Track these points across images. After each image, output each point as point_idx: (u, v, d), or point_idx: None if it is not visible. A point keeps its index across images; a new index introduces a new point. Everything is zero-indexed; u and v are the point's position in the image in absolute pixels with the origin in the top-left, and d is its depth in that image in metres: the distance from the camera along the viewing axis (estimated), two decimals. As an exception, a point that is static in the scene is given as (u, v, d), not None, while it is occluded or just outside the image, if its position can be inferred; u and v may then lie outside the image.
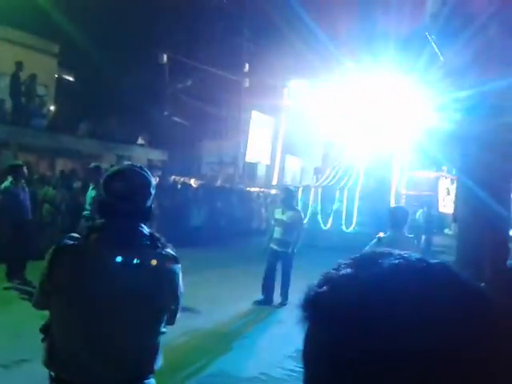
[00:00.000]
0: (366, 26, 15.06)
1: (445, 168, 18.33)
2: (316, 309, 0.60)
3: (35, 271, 2.49)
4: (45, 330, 2.05)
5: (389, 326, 0.55)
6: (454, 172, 14.67)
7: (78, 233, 2.10)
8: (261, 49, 20.58)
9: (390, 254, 0.62)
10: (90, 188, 7.84)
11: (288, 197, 8.04)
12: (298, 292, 0.64)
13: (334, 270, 0.63)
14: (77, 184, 12.20)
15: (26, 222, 7.79)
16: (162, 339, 2.16)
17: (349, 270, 0.61)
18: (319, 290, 0.61)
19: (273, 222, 8.14)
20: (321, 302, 0.60)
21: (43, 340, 2.05)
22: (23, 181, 7.83)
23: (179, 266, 2.09)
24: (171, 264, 2.07)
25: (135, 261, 1.99)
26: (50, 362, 2.02)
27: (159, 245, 2.07)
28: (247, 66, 22.12)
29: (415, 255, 0.63)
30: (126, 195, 2.03)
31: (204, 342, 6.14)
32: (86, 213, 7.65)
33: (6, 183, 7.67)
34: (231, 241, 15.42)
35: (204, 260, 11.53)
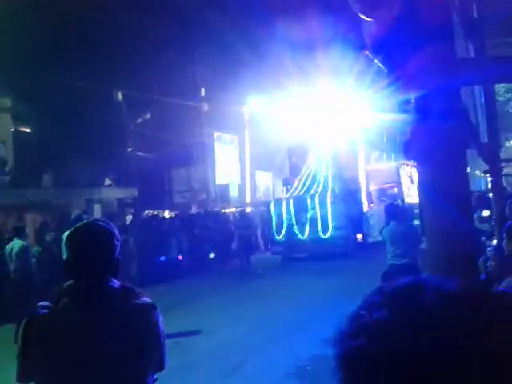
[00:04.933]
0: (311, 37, 15.40)
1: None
2: (357, 366, 0.52)
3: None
4: None
5: (450, 373, 0.48)
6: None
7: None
8: (214, 71, 20.79)
9: (423, 288, 0.55)
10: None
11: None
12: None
13: (363, 310, 0.56)
14: (50, 236, 12.05)
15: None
16: None
17: (384, 313, 0.53)
18: (355, 344, 0.53)
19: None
20: (362, 358, 0.52)
21: None
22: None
23: (157, 311, 2.06)
24: (149, 313, 2.03)
25: (110, 319, 1.96)
26: None
27: (133, 295, 2.03)
28: (203, 90, 22.30)
29: (446, 283, 0.56)
30: (88, 251, 1.99)
31: (196, 378, 6.10)
32: None
33: None
34: (214, 266, 15.38)
35: (190, 291, 11.46)
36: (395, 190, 17.39)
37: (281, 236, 15.78)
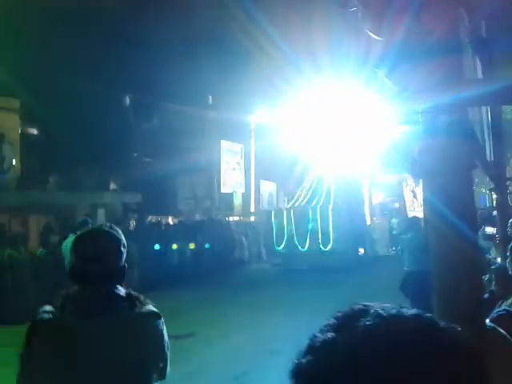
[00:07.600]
0: (327, 45, 15.40)
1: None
2: (302, 379, 0.62)
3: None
4: None
5: None
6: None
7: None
8: (222, 79, 20.86)
9: (367, 313, 0.64)
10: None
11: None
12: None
13: (318, 333, 0.64)
14: (54, 239, 12.08)
15: None
16: None
17: (329, 335, 0.62)
18: (303, 361, 0.62)
19: None
20: (305, 373, 0.61)
21: None
22: None
23: (162, 321, 2.06)
24: (154, 322, 2.03)
25: (116, 328, 1.95)
26: None
27: (138, 304, 2.02)
28: (210, 98, 22.38)
29: (391, 311, 0.64)
30: (96, 257, 1.97)
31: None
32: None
33: None
34: (217, 275, 15.30)
35: (191, 300, 11.41)
36: (397, 204, 17.31)
37: (281, 247, 15.67)
